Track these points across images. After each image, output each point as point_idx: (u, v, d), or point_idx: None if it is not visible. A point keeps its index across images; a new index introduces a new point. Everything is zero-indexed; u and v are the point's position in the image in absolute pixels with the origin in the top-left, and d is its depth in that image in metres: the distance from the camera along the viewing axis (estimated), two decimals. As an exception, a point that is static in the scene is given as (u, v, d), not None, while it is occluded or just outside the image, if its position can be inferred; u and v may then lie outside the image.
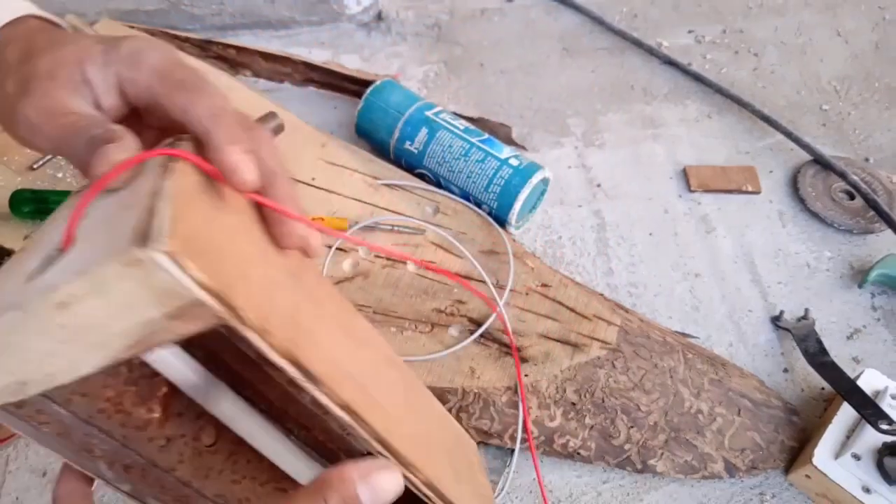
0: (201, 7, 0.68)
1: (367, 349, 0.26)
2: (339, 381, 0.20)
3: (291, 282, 0.22)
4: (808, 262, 0.56)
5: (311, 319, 0.21)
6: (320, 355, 0.20)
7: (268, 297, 0.19)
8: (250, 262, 0.19)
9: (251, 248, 0.20)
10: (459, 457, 0.29)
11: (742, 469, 0.44)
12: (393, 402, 0.24)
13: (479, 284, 0.48)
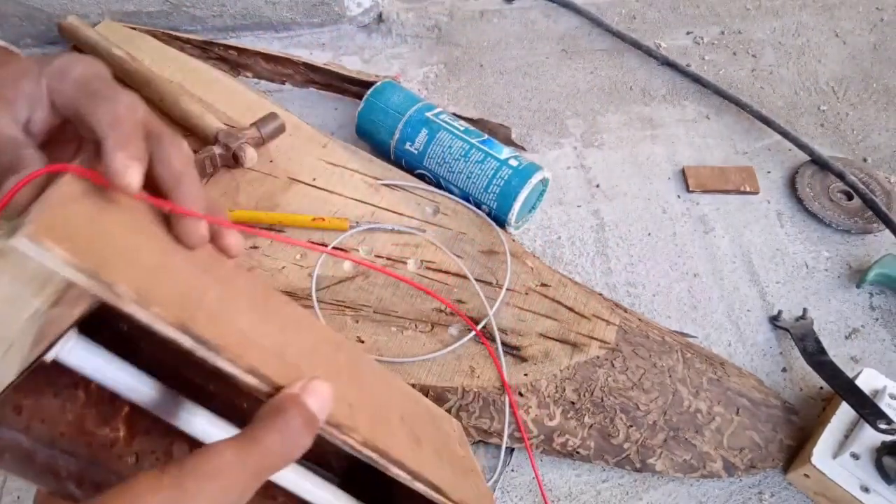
0: (203, 9, 0.68)
1: (297, 331, 0.26)
2: (245, 349, 0.21)
3: (198, 271, 0.23)
4: (807, 262, 0.57)
5: (219, 303, 0.22)
6: (224, 329, 0.21)
7: (158, 279, 0.20)
8: (140, 250, 0.21)
9: (145, 242, 0.21)
10: (426, 428, 0.29)
11: (741, 468, 0.44)
12: (327, 373, 0.25)
13: (480, 287, 0.49)
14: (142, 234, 0.22)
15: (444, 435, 0.31)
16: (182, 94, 0.57)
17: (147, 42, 0.63)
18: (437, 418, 0.32)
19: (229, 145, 0.53)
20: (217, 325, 0.21)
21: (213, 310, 0.22)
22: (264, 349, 0.23)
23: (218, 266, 0.25)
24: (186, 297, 0.21)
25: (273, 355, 0.23)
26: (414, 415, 0.29)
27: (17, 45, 0.68)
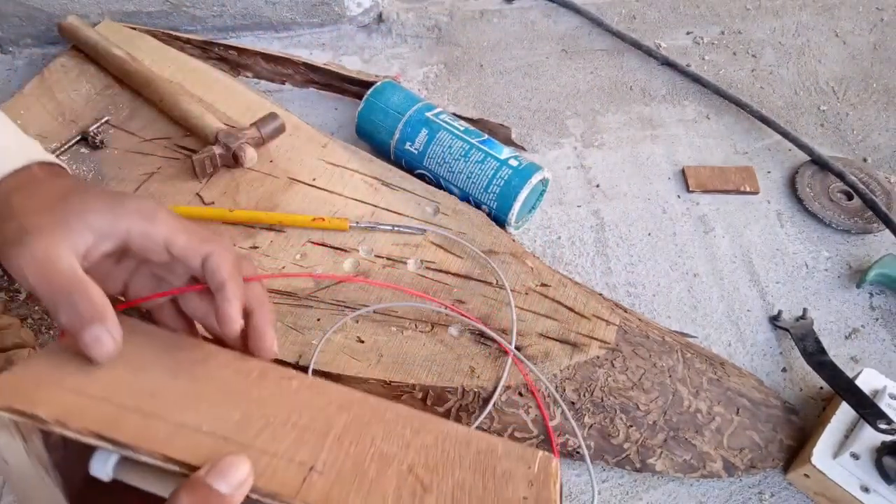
0: (203, 9, 0.68)
1: (269, 406, 0.29)
2: (170, 440, 0.25)
3: (163, 378, 0.29)
4: (807, 262, 0.57)
5: (164, 404, 0.27)
6: (154, 427, 0.26)
7: (82, 406, 0.26)
8: (85, 387, 0.27)
9: (91, 380, 0.28)
10: (456, 472, 0.29)
11: (741, 468, 0.44)
12: (296, 440, 0.28)
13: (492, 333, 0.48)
14: (98, 374, 0.28)
15: (496, 477, 0.30)
16: (182, 95, 0.58)
17: (147, 42, 0.63)
18: (500, 457, 0.31)
19: (229, 145, 0.53)
20: (147, 425, 0.26)
21: (154, 410, 0.26)
22: (197, 434, 0.26)
23: (203, 365, 0.31)
24: (119, 410, 0.26)
25: (206, 437, 0.26)
26: (441, 461, 0.29)
27: (17, 44, 0.68)
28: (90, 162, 0.55)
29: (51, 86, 0.60)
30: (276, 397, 0.30)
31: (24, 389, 0.26)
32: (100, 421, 0.25)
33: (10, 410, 0.25)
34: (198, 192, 0.53)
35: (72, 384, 0.27)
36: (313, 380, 0.32)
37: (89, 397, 0.26)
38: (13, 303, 0.50)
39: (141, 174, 0.54)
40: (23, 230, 0.28)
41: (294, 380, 0.31)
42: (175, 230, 0.31)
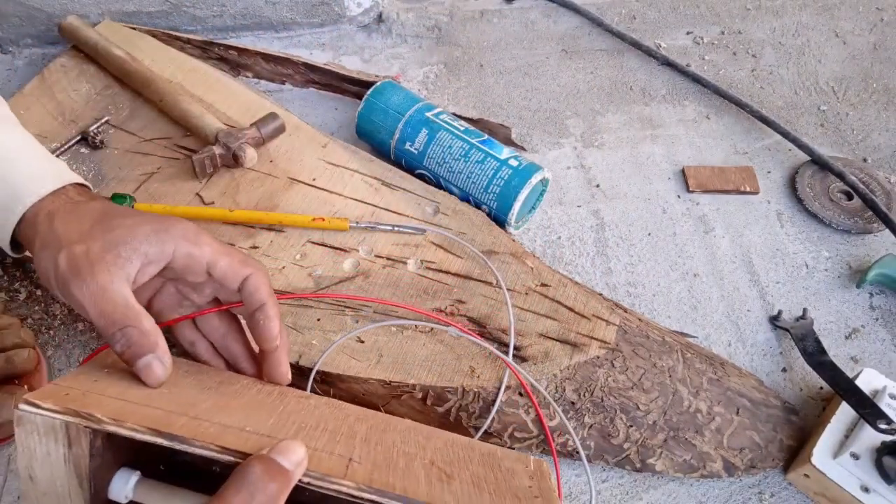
0: (203, 9, 0.68)
1: (298, 415, 0.31)
2: (218, 436, 0.26)
3: (197, 393, 0.31)
4: (807, 262, 0.57)
5: (208, 411, 0.29)
6: (202, 426, 0.27)
7: (133, 409, 0.27)
8: (128, 393, 0.29)
9: (135, 388, 0.30)
10: (469, 467, 0.32)
11: (741, 468, 0.44)
12: (328, 439, 0.30)
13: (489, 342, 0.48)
14: (120, 384, 0.30)
15: (503, 472, 0.33)
16: (182, 95, 0.58)
17: (147, 42, 0.63)
18: (501, 458, 0.35)
19: (229, 145, 0.53)
20: (196, 424, 0.27)
21: (197, 415, 0.28)
22: (242, 432, 0.27)
23: (227, 385, 0.33)
24: (167, 413, 0.27)
25: (252, 434, 0.27)
26: (454, 459, 0.32)
27: (17, 44, 0.68)
28: (90, 162, 0.55)
29: (51, 86, 0.60)
30: (300, 411, 0.32)
31: (73, 396, 0.27)
32: (152, 420, 0.26)
33: (67, 412, 0.25)
34: (198, 192, 0.53)
35: (114, 393, 0.28)
36: (329, 399, 0.34)
37: (135, 404, 0.28)
38: (13, 303, 0.50)
39: (141, 174, 0.54)
40: (75, 261, 0.30)
41: (312, 399, 0.34)
42: (218, 253, 0.33)
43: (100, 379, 0.30)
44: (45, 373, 0.46)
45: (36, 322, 0.49)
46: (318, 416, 0.32)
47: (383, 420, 0.35)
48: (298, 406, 0.33)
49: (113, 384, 0.29)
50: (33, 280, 0.51)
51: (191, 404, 0.29)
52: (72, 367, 0.47)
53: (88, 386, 0.28)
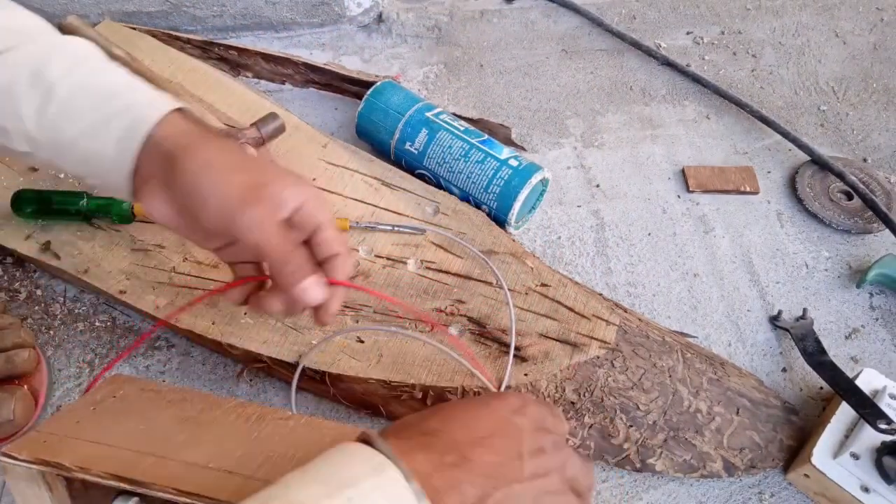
0: (203, 9, 0.68)
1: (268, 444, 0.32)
2: (178, 475, 0.28)
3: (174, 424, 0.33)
4: (807, 262, 0.57)
5: (177, 447, 0.30)
6: (167, 467, 0.29)
7: (103, 453, 0.30)
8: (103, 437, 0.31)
9: (106, 429, 0.32)
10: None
11: (741, 468, 0.44)
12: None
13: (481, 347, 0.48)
14: (115, 427, 0.32)
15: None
16: (182, 95, 0.57)
17: (147, 42, 0.63)
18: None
19: (229, 145, 0.53)
20: (162, 465, 0.29)
21: (165, 453, 0.30)
22: (204, 469, 0.29)
23: (208, 412, 0.34)
24: (136, 454, 0.29)
25: (213, 471, 0.29)
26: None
27: (18, 45, 0.68)
28: (90, 162, 0.55)
29: (51, 86, 0.60)
30: (274, 436, 0.33)
31: (49, 443, 0.30)
32: (118, 465, 0.28)
33: (38, 462, 0.29)
34: (198, 192, 0.53)
35: (92, 435, 0.31)
36: (308, 418, 0.35)
37: (107, 446, 0.30)
38: (13, 302, 0.50)
39: (141, 174, 0.54)
40: (244, 189, 0.32)
41: (291, 420, 0.34)
42: (320, 210, 0.35)
43: (83, 419, 0.32)
44: (45, 373, 0.46)
45: (36, 322, 0.49)
46: (291, 440, 0.32)
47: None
48: (274, 431, 0.33)
49: (94, 424, 0.32)
50: (33, 280, 0.51)
51: (164, 439, 0.31)
52: (72, 368, 0.48)
53: (69, 429, 0.31)
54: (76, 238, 0.50)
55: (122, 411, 0.34)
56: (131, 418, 0.33)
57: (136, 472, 0.28)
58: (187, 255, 0.49)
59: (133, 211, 0.50)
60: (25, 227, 0.50)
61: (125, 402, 0.35)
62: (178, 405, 0.34)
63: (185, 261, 0.49)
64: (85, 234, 0.50)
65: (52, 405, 0.46)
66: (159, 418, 0.33)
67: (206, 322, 0.46)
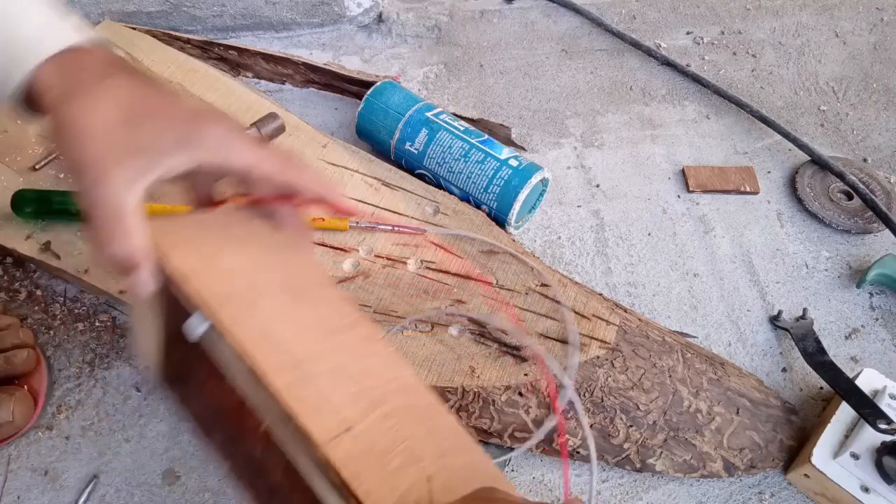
0: (202, 9, 0.68)
1: (335, 337, 0.31)
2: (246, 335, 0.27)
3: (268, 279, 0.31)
4: (807, 262, 0.57)
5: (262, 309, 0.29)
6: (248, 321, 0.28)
7: (215, 269, 0.29)
8: (213, 254, 0.30)
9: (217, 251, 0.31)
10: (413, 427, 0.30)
11: (741, 468, 0.44)
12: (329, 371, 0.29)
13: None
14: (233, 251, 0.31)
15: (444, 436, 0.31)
16: (182, 94, 0.57)
17: (147, 42, 0.63)
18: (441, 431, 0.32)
19: (229, 145, 0.53)
20: (244, 315, 0.28)
21: (250, 304, 0.29)
22: (274, 346, 0.27)
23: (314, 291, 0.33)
24: (228, 295, 0.28)
25: (282, 355, 0.27)
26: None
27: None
28: (90, 162, 0.55)
29: (51, 86, 0.60)
30: (354, 349, 0.31)
31: (172, 234, 0.29)
32: (210, 293, 0.28)
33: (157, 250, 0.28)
34: (198, 192, 0.53)
35: (208, 251, 0.30)
36: (393, 352, 0.32)
37: (216, 269, 0.29)
38: (13, 303, 0.50)
39: (141, 174, 0.54)
40: (90, 159, 0.27)
41: (378, 343, 0.32)
42: (255, 161, 0.30)
43: (209, 227, 0.31)
44: (45, 373, 0.46)
45: (35, 322, 0.49)
46: (366, 364, 0.30)
47: (425, 406, 0.32)
48: (359, 344, 0.31)
49: (212, 240, 0.31)
50: (33, 280, 0.51)
51: (260, 294, 0.29)
52: (72, 368, 0.47)
53: (196, 234, 0.30)
54: (77, 238, 0.50)
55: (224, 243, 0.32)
56: (251, 253, 0.31)
57: (221, 311, 0.27)
58: (187, 255, 0.49)
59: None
60: (26, 227, 0.50)
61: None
62: (295, 274, 0.32)
63: (185, 261, 0.49)
64: (85, 235, 0.50)
65: (51, 405, 0.46)
66: (271, 272, 0.31)
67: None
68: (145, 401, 0.46)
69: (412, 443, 0.28)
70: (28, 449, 0.44)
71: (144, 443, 0.45)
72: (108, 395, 0.46)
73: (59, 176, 0.54)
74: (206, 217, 0.33)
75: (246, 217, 0.33)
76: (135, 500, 0.42)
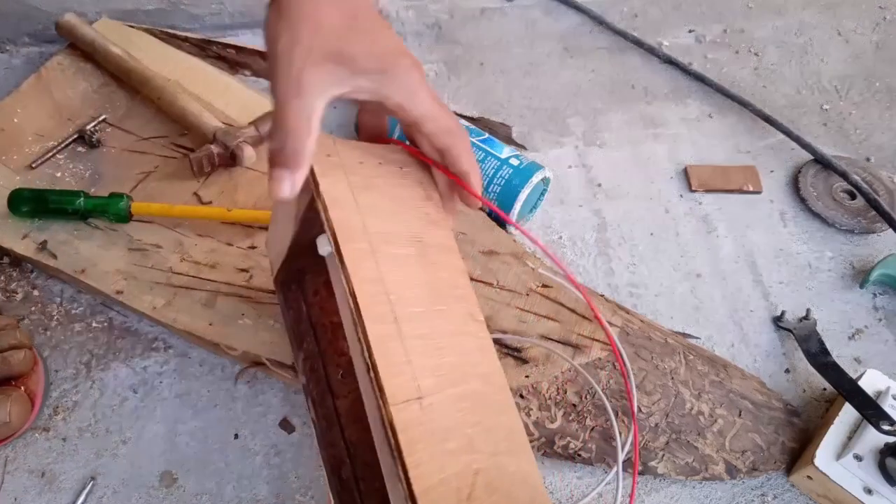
0: (201, 7, 0.68)
1: (440, 303, 0.31)
2: (359, 275, 0.28)
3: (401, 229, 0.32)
4: (810, 262, 0.56)
5: (383, 255, 0.30)
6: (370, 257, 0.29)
7: (356, 201, 0.30)
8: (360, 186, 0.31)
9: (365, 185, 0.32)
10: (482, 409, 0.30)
11: (743, 470, 0.43)
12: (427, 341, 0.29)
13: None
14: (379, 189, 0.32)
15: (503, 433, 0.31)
16: (180, 93, 0.57)
17: (145, 40, 0.63)
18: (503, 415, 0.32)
19: (227, 144, 0.53)
20: (366, 256, 0.28)
21: (375, 248, 0.29)
22: (382, 294, 0.28)
23: (430, 238, 0.33)
24: (364, 234, 0.29)
25: (386, 307, 0.28)
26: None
27: (15, 42, 0.67)
28: (87, 160, 0.55)
29: (48, 84, 0.60)
30: (453, 323, 0.31)
31: (332, 154, 0.31)
32: (344, 225, 0.29)
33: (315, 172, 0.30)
34: (195, 191, 0.53)
35: (356, 181, 0.31)
36: (487, 337, 0.32)
37: (354, 203, 0.30)
38: (10, 303, 0.50)
39: (138, 173, 0.54)
40: (295, 52, 0.28)
41: (476, 325, 0.32)
42: (427, 115, 0.32)
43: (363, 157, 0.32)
44: (42, 374, 0.46)
45: (33, 323, 0.49)
46: (457, 340, 0.30)
47: (501, 398, 0.31)
48: (457, 318, 0.31)
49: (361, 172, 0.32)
50: (30, 280, 0.51)
51: (386, 241, 0.30)
52: (69, 369, 0.47)
53: (351, 157, 0.31)
54: (73, 237, 0.50)
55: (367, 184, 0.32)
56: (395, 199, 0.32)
57: (345, 246, 0.28)
58: (185, 255, 0.49)
59: (130, 210, 0.50)
60: (22, 227, 0.50)
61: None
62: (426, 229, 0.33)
63: (183, 261, 0.49)
64: (82, 234, 0.50)
65: (48, 407, 0.45)
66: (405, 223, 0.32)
67: (203, 323, 0.45)
68: (142, 402, 0.46)
69: (474, 431, 0.28)
70: (25, 450, 0.44)
71: (142, 444, 0.44)
72: (105, 397, 0.46)
73: (56, 175, 0.53)
74: (368, 148, 0.33)
75: (402, 162, 0.34)
76: (132, 502, 0.42)
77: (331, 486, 0.33)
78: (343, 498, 0.33)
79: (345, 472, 0.33)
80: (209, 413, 0.46)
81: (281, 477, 0.43)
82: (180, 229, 0.50)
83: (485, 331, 0.32)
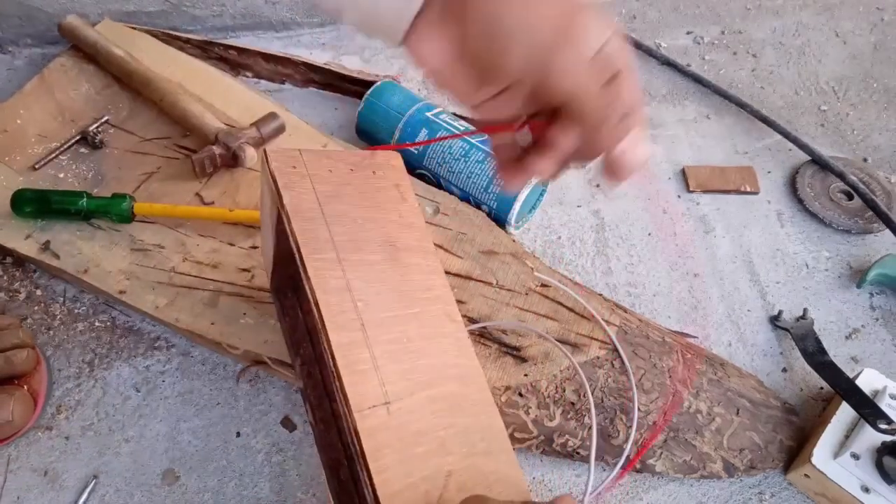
0: (202, 8, 0.68)
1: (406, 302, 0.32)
2: (323, 282, 0.28)
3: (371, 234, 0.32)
4: (807, 262, 0.57)
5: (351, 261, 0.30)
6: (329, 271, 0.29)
7: (326, 212, 0.30)
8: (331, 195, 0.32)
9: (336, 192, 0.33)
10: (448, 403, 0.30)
11: (741, 469, 0.44)
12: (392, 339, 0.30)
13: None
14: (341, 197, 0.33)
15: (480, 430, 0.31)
16: (182, 94, 0.57)
17: (147, 42, 0.63)
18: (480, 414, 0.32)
19: (229, 145, 0.53)
20: (327, 266, 0.28)
21: (340, 258, 0.30)
22: (350, 304, 0.29)
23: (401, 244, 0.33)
24: (326, 238, 0.30)
25: (353, 315, 0.28)
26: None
27: (17, 44, 0.68)
28: (90, 161, 0.55)
29: (51, 85, 0.60)
30: (426, 325, 0.31)
31: (300, 166, 0.31)
32: (309, 238, 0.29)
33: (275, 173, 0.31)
34: (198, 191, 0.53)
35: (323, 190, 0.31)
36: (465, 338, 0.32)
37: (321, 213, 0.31)
38: (12, 303, 0.50)
39: (140, 174, 0.54)
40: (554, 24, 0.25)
41: (453, 325, 0.32)
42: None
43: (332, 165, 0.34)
44: (45, 373, 0.46)
45: (35, 322, 0.49)
46: (432, 343, 0.30)
47: (477, 398, 0.31)
48: (433, 321, 0.31)
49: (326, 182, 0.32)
50: (33, 280, 0.51)
51: (352, 241, 0.31)
52: (71, 368, 0.47)
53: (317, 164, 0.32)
54: (76, 238, 0.50)
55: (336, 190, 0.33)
56: (355, 205, 0.33)
57: (308, 247, 0.29)
58: (187, 255, 0.49)
59: (132, 210, 0.50)
60: (25, 227, 0.50)
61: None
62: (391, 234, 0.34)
63: (185, 261, 0.49)
64: (84, 234, 0.50)
65: (51, 405, 0.46)
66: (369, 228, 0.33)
67: (205, 322, 0.46)
68: (145, 401, 0.46)
69: (447, 433, 0.28)
70: (28, 449, 0.44)
71: (144, 443, 0.44)
72: (107, 396, 0.46)
73: (59, 175, 0.54)
74: (340, 156, 0.34)
75: (377, 166, 0.35)
76: (134, 500, 0.42)
77: (330, 486, 0.34)
78: (342, 498, 0.33)
79: (343, 474, 0.34)
80: (211, 411, 0.46)
81: (282, 475, 0.44)
82: (182, 229, 0.51)
83: (463, 331, 0.32)
